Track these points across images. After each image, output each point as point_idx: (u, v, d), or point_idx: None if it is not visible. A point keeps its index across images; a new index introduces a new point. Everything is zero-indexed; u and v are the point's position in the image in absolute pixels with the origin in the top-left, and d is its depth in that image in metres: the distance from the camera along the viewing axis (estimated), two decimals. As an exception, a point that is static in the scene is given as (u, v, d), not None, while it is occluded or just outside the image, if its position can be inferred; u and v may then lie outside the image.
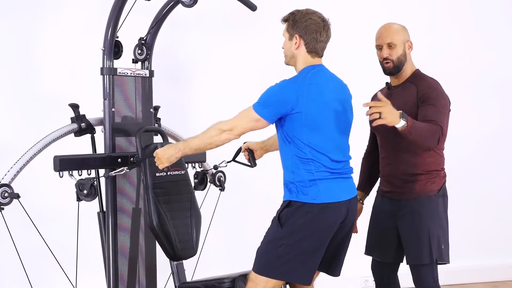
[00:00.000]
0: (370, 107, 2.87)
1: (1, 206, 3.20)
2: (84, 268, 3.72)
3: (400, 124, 2.91)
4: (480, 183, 5.30)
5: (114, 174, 3.45)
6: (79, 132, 3.53)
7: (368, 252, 3.49)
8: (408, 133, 2.95)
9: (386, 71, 3.32)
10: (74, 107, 3.53)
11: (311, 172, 2.94)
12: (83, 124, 3.52)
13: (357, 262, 3.83)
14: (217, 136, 2.99)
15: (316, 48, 3.00)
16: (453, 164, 3.81)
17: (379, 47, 3.31)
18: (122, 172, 3.44)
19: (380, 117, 2.85)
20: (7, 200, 3.21)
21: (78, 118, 3.53)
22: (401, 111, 2.92)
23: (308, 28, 2.98)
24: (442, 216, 3.27)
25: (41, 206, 4.18)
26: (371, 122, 3.41)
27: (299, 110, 2.90)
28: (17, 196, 3.23)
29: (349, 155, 3.05)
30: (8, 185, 3.23)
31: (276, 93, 2.94)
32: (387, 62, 3.28)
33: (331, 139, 2.97)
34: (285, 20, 3.05)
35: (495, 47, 5.36)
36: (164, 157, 3.12)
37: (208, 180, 4.00)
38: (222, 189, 4.03)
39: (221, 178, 4.03)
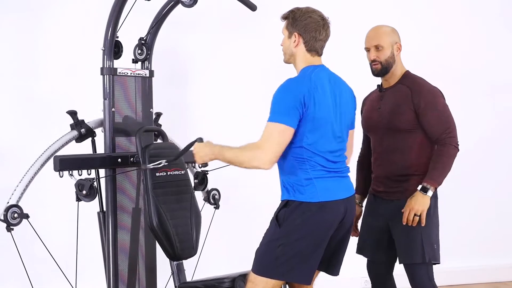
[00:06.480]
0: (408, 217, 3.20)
1: (11, 227, 3.23)
2: (84, 269, 3.72)
3: (429, 194, 3.18)
4: (479, 183, 5.30)
5: (152, 167, 3.35)
6: (79, 138, 3.54)
7: (358, 251, 3.50)
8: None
9: (374, 73, 3.36)
10: (72, 114, 3.53)
11: (307, 171, 2.92)
12: (83, 130, 3.52)
13: (357, 262, 3.82)
14: (249, 163, 2.90)
15: (315, 46, 2.98)
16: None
17: (367, 49, 3.35)
18: (160, 166, 3.35)
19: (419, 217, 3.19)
20: (17, 220, 3.24)
21: (77, 124, 3.52)
22: (421, 191, 3.19)
23: (308, 27, 2.96)
24: (434, 217, 3.28)
25: (42, 206, 4.18)
26: (364, 124, 3.45)
27: (303, 111, 2.87)
28: (27, 217, 3.26)
29: (344, 155, 3.03)
30: (17, 206, 3.25)
31: (291, 97, 2.85)
32: (375, 64, 3.32)
33: (327, 140, 2.93)
34: (285, 17, 3.02)
35: (491, 47, 5.36)
36: (198, 153, 3.04)
37: (202, 198, 3.98)
38: (216, 207, 4.01)
39: (216, 196, 4.00)
